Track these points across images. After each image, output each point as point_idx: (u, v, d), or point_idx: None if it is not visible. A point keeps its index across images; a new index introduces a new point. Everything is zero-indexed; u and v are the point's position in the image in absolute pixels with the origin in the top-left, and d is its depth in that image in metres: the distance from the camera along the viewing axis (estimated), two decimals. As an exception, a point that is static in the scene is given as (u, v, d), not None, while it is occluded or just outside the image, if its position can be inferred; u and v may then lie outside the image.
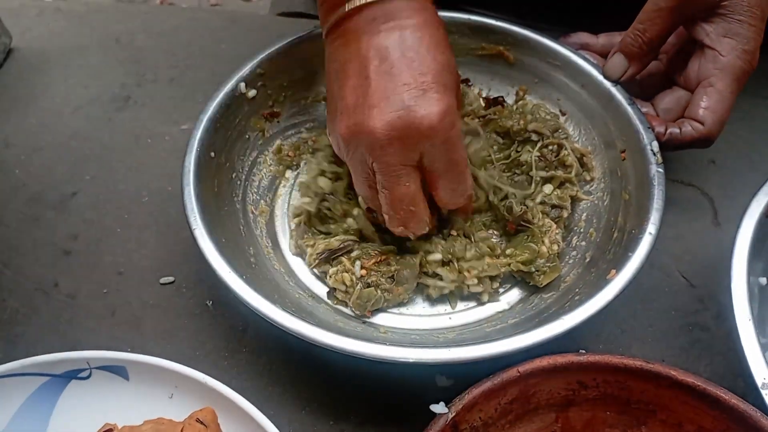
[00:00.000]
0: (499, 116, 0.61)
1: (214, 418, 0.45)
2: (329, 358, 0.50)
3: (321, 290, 0.56)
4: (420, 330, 0.54)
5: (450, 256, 0.55)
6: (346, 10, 0.49)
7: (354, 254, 0.54)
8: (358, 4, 0.49)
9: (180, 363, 0.47)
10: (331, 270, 0.54)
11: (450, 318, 0.55)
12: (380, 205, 0.52)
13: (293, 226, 0.59)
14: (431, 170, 0.50)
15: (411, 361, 0.45)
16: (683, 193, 0.63)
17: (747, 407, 0.40)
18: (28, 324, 0.55)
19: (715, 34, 0.54)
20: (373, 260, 0.54)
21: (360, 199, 0.55)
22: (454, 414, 0.41)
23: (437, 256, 0.54)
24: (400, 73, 0.47)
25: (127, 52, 0.77)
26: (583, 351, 0.44)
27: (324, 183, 0.58)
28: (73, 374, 0.48)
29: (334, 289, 0.54)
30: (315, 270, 0.57)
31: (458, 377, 0.50)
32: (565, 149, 0.59)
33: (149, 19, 0.81)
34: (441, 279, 0.54)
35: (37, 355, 0.47)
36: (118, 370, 0.48)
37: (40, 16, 0.81)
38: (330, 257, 0.54)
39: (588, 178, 0.60)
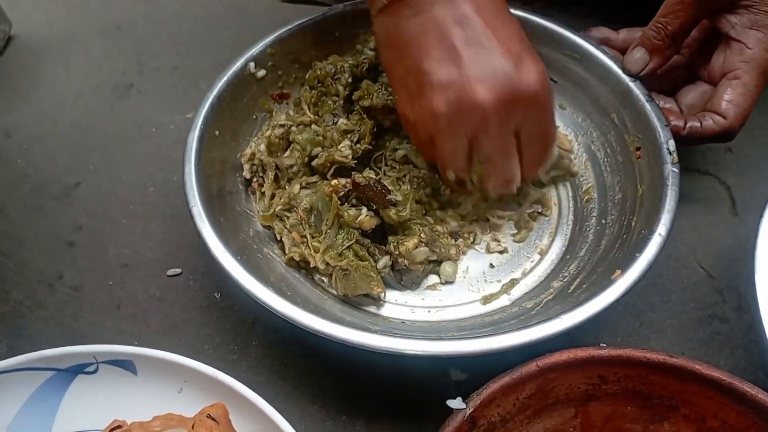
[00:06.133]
0: None
1: (225, 413, 0.44)
2: (341, 351, 0.49)
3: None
4: (425, 321, 0.53)
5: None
6: None
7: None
8: None
9: (188, 357, 0.46)
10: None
11: (456, 310, 0.54)
12: (472, 176, 0.51)
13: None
14: (525, 137, 0.49)
15: (419, 353, 0.44)
16: (700, 182, 0.61)
17: (774, 402, 0.39)
18: (33, 317, 0.54)
19: (740, 26, 0.52)
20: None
21: (449, 172, 0.52)
22: (471, 409, 0.40)
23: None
24: (490, 41, 0.46)
25: (129, 39, 0.75)
26: (604, 345, 0.43)
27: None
28: (79, 369, 0.46)
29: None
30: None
31: (473, 370, 0.49)
32: None
33: (151, 6, 0.79)
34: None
35: (42, 349, 0.46)
36: (125, 364, 0.46)
37: (40, 2, 0.80)
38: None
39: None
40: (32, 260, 0.57)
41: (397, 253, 0.53)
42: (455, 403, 0.41)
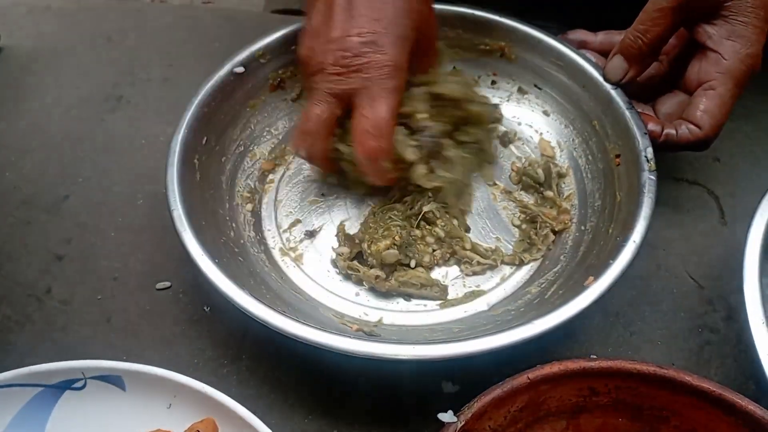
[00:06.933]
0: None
1: (215, 429, 0.44)
2: (332, 364, 0.49)
3: (297, 277, 0.56)
4: (399, 325, 0.53)
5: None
6: None
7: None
8: None
9: (178, 371, 0.46)
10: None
11: (434, 314, 0.54)
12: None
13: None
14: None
15: (394, 357, 0.44)
16: (689, 191, 0.62)
17: (764, 413, 0.39)
18: (21, 332, 0.53)
19: (717, 36, 0.53)
20: None
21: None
22: (463, 423, 0.40)
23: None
24: (359, 13, 0.51)
25: (119, 50, 0.75)
26: (594, 356, 0.43)
27: None
28: (67, 385, 0.46)
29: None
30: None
31: (465, 383, 0.49)
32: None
33: (141, 17, 0.79)
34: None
35: (31, 364, 0.46)
36: (114, 380, 0.46)
37: (29, 14, 0.79)
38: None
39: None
40: (21, 274, 0.56)
41: (369, 252, 0.53)
42: (446, 417, 0.40)
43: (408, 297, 0.54)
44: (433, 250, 0.56)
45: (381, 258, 0.53)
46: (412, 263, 0.55)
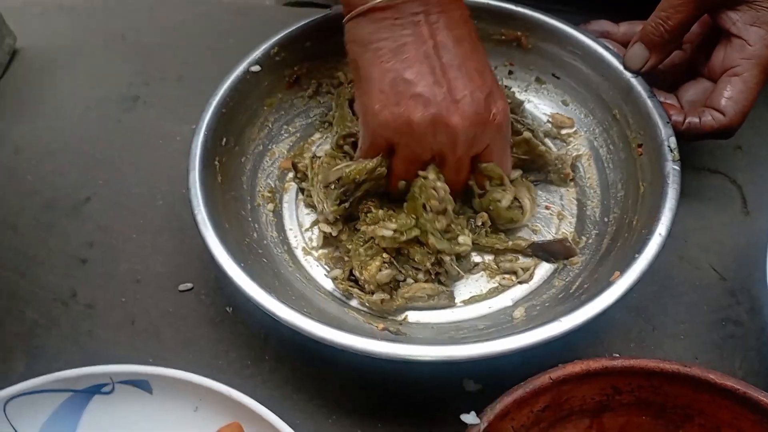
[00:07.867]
0: None
1: (241, 432, 0.44)
2: (355, 363, 0.49)
3: (321, 277, 0.56)
4: (425, 323, 0.53)
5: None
6: None
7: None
8: None
9: (202, 373, 0.46)
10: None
11: (458, 311, 0.53)
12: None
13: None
14: (484, 158, 0.54)
15: (425, 359, 0.44)
16: (710, 181, 0.61)
17: (790, 412, 0.39)
18: (48, 336, 0.54)
19: (742, 23, 0.52)
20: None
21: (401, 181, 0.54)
22: (486, 424, 0.40)
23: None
24: (468, 70, 0.50)
25: (134, 49, 0.75)
26: (617, 355, 0.43)
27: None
28: (96, 389, 0.47)
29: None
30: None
31: (487, 382, 0.49)
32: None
33: (154, 14, 0.79)
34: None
35: (59, 368, 0.47)
36: (141, 384, 0.47)
37: (43, 14, 0.80)
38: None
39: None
40: (45, 278, 0.57)
41: (363, 279, 0.52)
42: (469, 418, 0.41)
43: (418, 309, 0.54)
44: (431, 254, 0.52)
45: (376, 281, 0.52)
46: (409, 280, 0.53)
